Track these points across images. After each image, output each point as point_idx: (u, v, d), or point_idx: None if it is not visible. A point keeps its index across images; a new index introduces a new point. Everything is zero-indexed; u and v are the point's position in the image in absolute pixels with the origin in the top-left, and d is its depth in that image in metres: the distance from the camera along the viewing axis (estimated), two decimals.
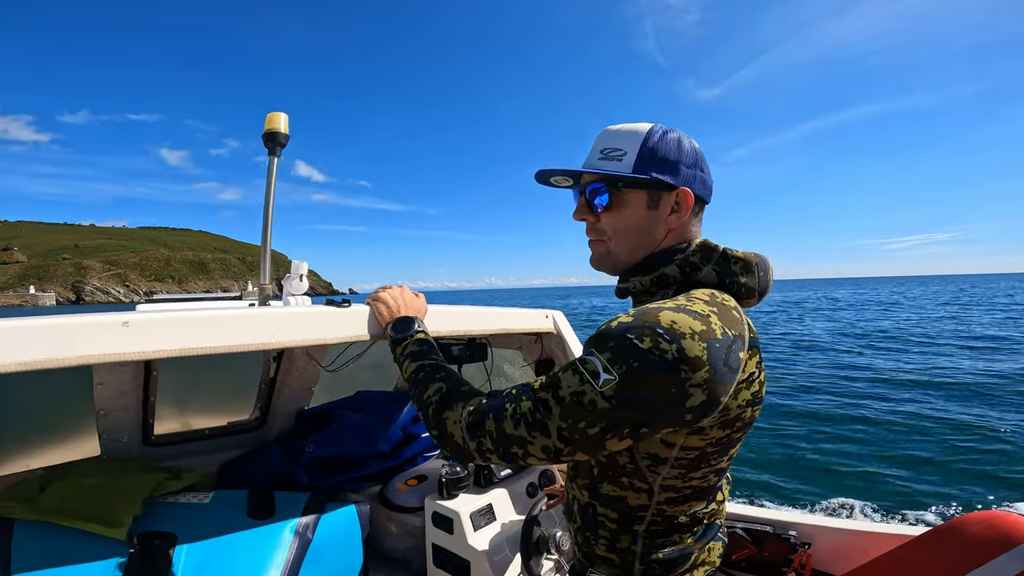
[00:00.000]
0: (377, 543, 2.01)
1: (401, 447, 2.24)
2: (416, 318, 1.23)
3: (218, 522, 1.58)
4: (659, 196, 0.95)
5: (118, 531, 1.43)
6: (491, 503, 1.81)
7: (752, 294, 0.96)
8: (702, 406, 0.77)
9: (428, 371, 1.04)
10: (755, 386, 0.88)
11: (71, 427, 1.91)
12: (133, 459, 1.91)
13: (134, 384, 1.79)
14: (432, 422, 0.95)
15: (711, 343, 0.76)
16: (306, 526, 1.67)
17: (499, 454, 0.86)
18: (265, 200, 1.44)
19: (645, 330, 0.76)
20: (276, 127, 1.43)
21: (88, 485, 1.56)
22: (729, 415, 0.85)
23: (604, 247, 1.01)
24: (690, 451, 0.88)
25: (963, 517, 1.22)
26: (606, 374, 0.76)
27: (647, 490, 0.93)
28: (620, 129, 0.98)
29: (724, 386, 0.78)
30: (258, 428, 2.33)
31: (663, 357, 0.74)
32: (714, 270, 0.94)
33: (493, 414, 0.86)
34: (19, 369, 0.84)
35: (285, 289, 1.48)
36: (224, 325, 1.08)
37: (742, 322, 0.86)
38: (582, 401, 0.78)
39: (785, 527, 1.63)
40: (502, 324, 1.71)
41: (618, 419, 0.77)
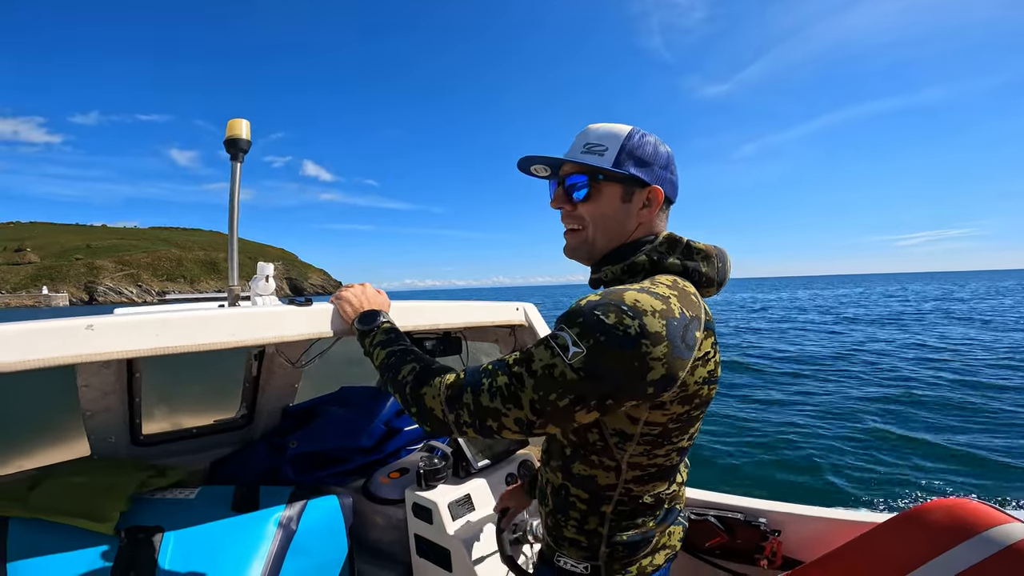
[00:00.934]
0: (362, 535, 2.06)
1: (384, 441, 2.28)
2: (381, 311, 1.28)
3: (203, 515, 1.64)
4: (633, 191, 1.02)
5: (106, 526, 1.49)
6: (469, 493, 1.85)
7: (711, 283, 1.03)
8: (662, 380, 0.83)
9: (399, 355, 1.08)
10: (711, 365, 0.95)
11: (61, 429, 1.97)
12: (122, 459, 1.97)
13: (117, 385, 1.84)
14: (410, 400, 0.99)
15: (670, 321, 0.83)
16: (289, 518, 1.72)
17: (475, 427, 0.90)
18: (229, 204, 1.48)
19: (611, 307, 0.82)
20: (238, 134, 1.47)
21: (77, 483, 1.63)
22: (687, 391, 0.91)
23: (582, 235, 1.07)
24: (654, 427, 0.94)
25: (925, 505, 1.25)
26: (575, 347, 0.82)
27: (615, 468, 0.99)
28: (602, 127, 1.05)
29: (681, 361, 0.84)
30: (245, 426, 2.39)
31: (626, 332, 0.80)
32: (678, 259, 1.01)
33: (471, 387, 0.91)
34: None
35: (252, 289, 1.53)
36: (188, 326, 1.12)
37: (699, 306, 0.93)
38: (553, 374, 0.83)
39: (755, 515, 1.66)
40: (472, 317, 1.74)
41: (586, 391, 0.82)
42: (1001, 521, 1.10)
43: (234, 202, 1.47)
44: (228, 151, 1.47)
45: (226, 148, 1.47)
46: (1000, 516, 1.12)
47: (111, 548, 1.48)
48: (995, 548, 1.07)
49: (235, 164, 1.47)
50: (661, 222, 1.07)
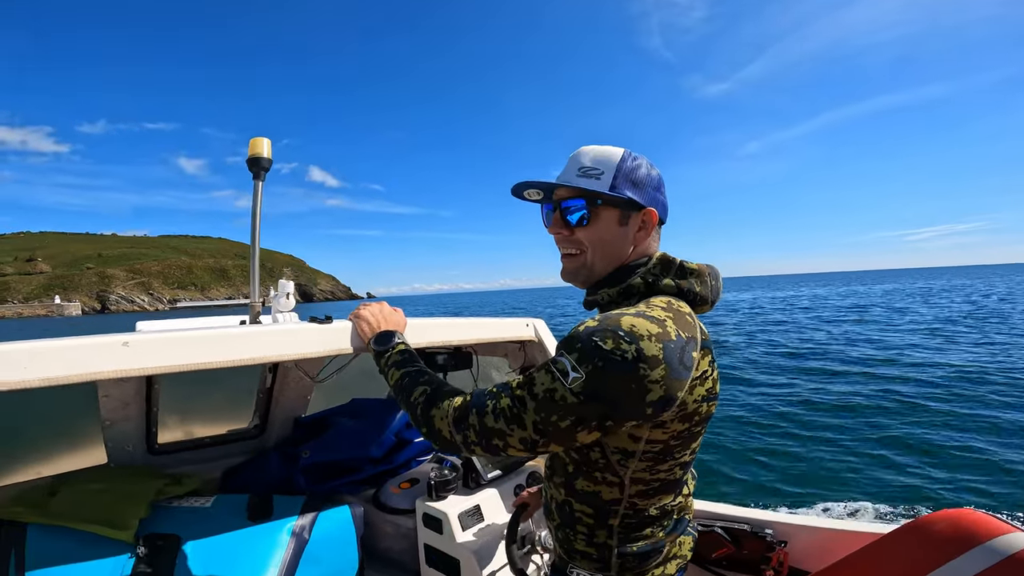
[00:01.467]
0: (373, 545, 2.08)
1: (394, 452, 2.31)
2: (396, 331, 1.33)
3: (219, 524, 1.68)
4: (629, 215, 1.04)
5: (125, 533, 1.53)
6: (479, 504, 1.87)
7: (705, 301, 1.06)
8: (660, 401, 0.86)
9: (412, 376, 1.13)
10: (709, 383, 0.98)
11: (79, 437, 2.01)
12: (138, 467, 2.01)
13: (137, 396, 1.89)
14: (421, 420, 1.04)
15: (666, 344, 0.86)
16: (302, 527, 1.75)
17: (482, 446, 0.94)
18: (251, 222, 1.52)
19: (608, 333, 0.85)
20: (259, 152, 1.51)
21: (96, 491, 1.66)
22: (687, 409, 0.94)
23: (580, 259, 1.09)
24: (655, 444, 0.97)
25: (930, 515, 1.26)
26: (574, 372, 0.86)
27: (619, 484, 1.01)
28: (595, 150, 1.06)
29: (679, 382, 0.87)
30: (258, 436, 2.43)
31: (624, 356, 0.83)
32: (673, 281, 1.04)
33: (476, 409, 0.95)
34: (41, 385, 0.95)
35: (273, 307, 1.57)
36: (215, 343, 1.17)
37: (695, 326, 0.96)
38: (554, 397, 0.87)
39: (762, 525, 1.67)
40: (482, 334, 1.78)
41: (586, 412, 0.86)
42: (1004, 531, 1.11)
43: (256, 219, 1.52)
44: (251, 169, 1.51)
45: (248, 167, 1.51)
46: (1003, 526, 1.13)
47: (129, 555, 1.51)
48: (998, 558, 1.07)
49: (257, 183, 1.52)
50: (654, 243, 1.09)
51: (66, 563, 1.45)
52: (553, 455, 1.14)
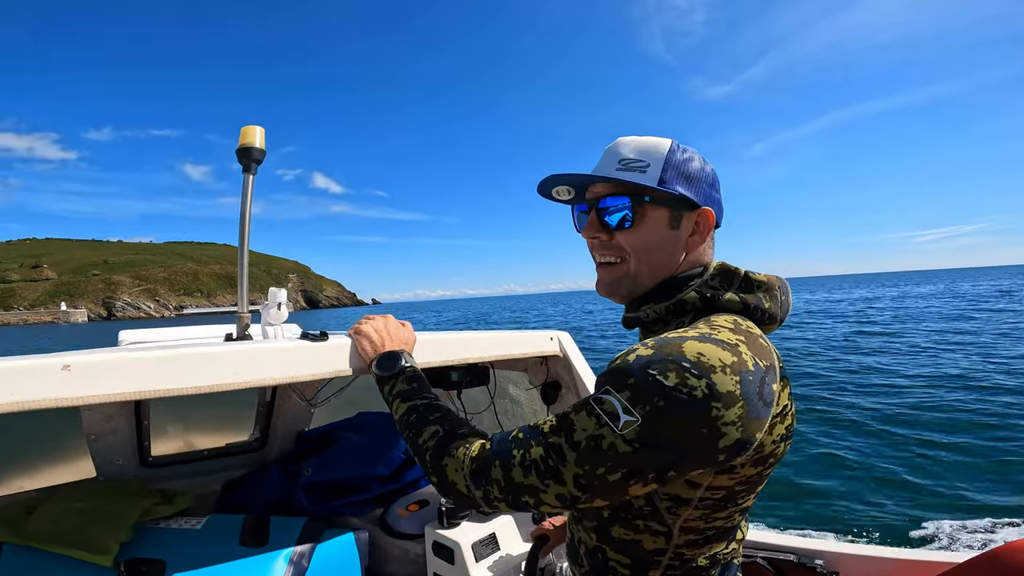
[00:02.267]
0: (378, 570, 1.95)
1: (403, 470, 2.17)
2: (403, 352, 1.14)
3: (209, 549, 1.53)
4: (681, 215, 0.88)
5: (104, 558, 1.39)
6: (494, 532, 1.73)
7: (774, 320, 0.88)
8: (736, 445, 0.69)
9: (420, 412, 0.96)
10: (788, 419, 0.82)
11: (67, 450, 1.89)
12: (129, 481, 1.88)
13: (122, 409, 1.76)
14: (431, 469, 0.87)
15: (744, 376, 0.69)
16: (301, 555, 1.60)
17: (508, 503, 0.78)
18: (240, 220, 1.34)
19: (669, 364, 0.69)
20: (251, 142, 1.34)
21: (76, 509, 1.53)
22: (763, 452, 0.78)
23: (622, 269, 0.93)
24: (717, 491, 0.81)
25: (1010, 544, 1.10)
26: (627, 415, 0.69)
27: (665, 533, 0.85)
28: (637, 140, 0.90)
29: (759, 422, 0.71)
30: (258, 449, 2.30)
31: (692, 395, 0.67)
32: (737, 295, 0.87)
33: (499, 461, 0.79)
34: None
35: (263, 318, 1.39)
36: (189, 365, 1.00)
37: (771, 351, 0.79)
38: (600, 446, 0.70)
39: (811, 556, 1.52)
40: (504, 350, 1.61)
41: (643, 463, 0.69)
42: None
43: (246, 218, 1.34)
44: (240, 161, 1.34)
45: (238, 158, 1.33)
46: None
47: None
48: None
49: (247, 176, 1.33)
50: (709, 250, 0.93)
51: None
52: None
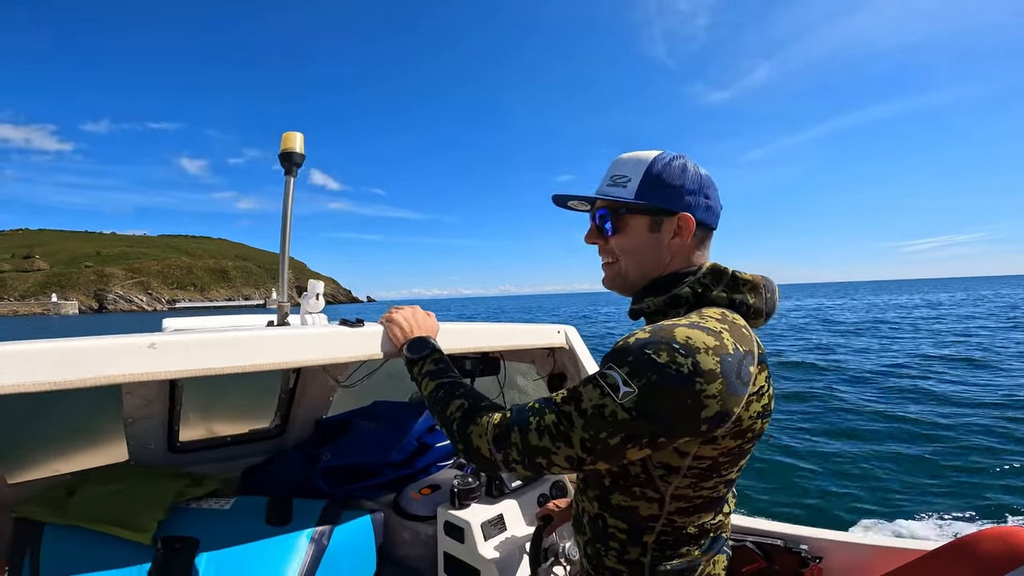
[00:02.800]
0: (389, 551, 2.04)
1: (415, 457, 2.27)
2: (430, 338, 1.28)
3: (238, 528, 1.64)
4: (661, 220, 1.00)
5: (143, 535, 1.48)
6: (502, 513, 1.83)
7: (759, 315, 1.01)
8: (716, 417, 0.81)
9: (447, 388, 1.09)
10: (764, 399, 0.93)
11: (101, 434, 1.97)
12: (159, 465, 1.98)
13: (160, 395, 1.85)
14: (457, 437, 0.99)
15: (724, 357, 0.81)
16: (322, 533, 1.71)
17: (524, 464, 0.90)
18: (282, 219, 1.48)
19: (662, 345, 0.81)
20: (292, 147, 1.47)
21: (115, 490, 1.62)
22: (741, 426, 0.89)
23: (615, 268, 1.07)
24: (703, 460, 0.92)
25: (977, 533, 1.19)
26: (626, 387, 0.81)
27: (658, 500, 0.96)
28: (628, 157, 1.03)
29: (736, 398, 0.83)
30: (278, 436, 2.39)
31: (679, 371, 0.78)
32: (724, 292, 0.99)
33: (518, 427, 0.91)
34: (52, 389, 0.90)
35: (302, 308, 1.52)
36: (243, 346, 1.12)
37: (751, 339, 0.91)
38: (603, 413, 0.82)
39: (796, 541, 1.62)
40: (515, 340, 1.73)
41: (638, 429, 0.81)
42: None
43: (287, 217, 1.47)
44: (282, 164, 1.47)
45: (280, 162, 1.47)
46: None
47: (146, 558, 1.46)
48: None
49: (289, 179, 1.47)
50: (701, 251, 1.05)
51: (82, 564, 1.40)
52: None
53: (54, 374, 0.90)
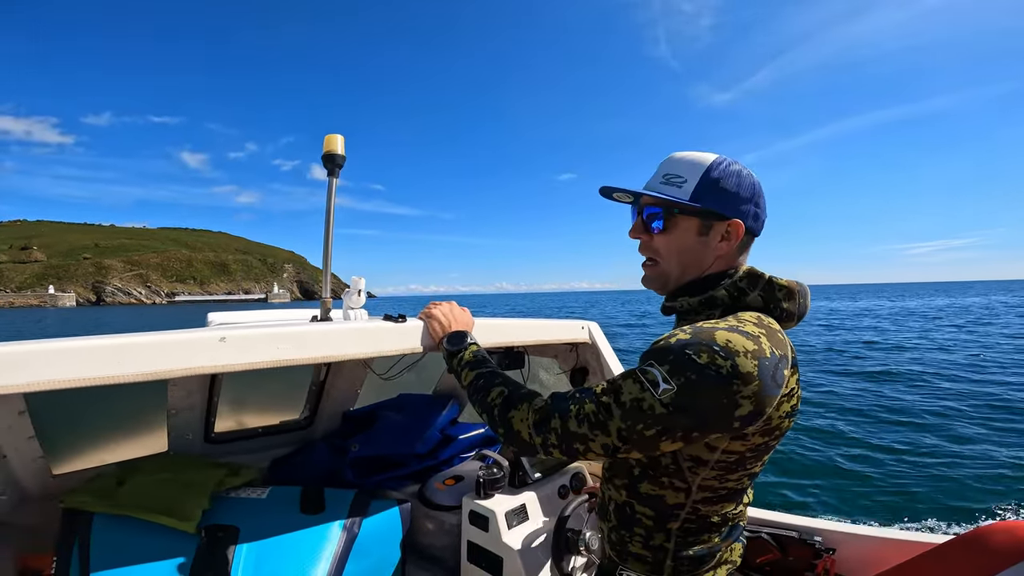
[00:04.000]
0: (414, 539, 2.10)
1: (439, 448, 2.33)
2: (468, 332, 1.35)
3: (275, 517, 1.69)
4: (711, 224, 1.03)
5: (188, 524, 1.54)
6: (524, 503, 1.89)
7: (792, 318, 1.04)
8: (749, 415, 0.86)
9: (487, 377, 1.15)
10: (794, 400, 0.97)
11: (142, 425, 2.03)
12: (196, 455, 2.04)
13: (201, 387, 1.92)
14: (498, 421, 1.05)
15: (761, 361, 0.85)
16: (352, 522, 1.76)
17: (562, 449, 0.96)
18: (326, 218, 1.55)
19: (703, 347, 0.85)
20: (334, 149, 1.54)
21: (161, 480, 1.68)
22: (770, 424, 0.94)
23: (658, 268, 1.10)
24: (731, 455, 0.97)
25: (988, 526, 1.24)
26: (665, 384, 0.85)
27: (685, 489, 1.01)
28: (685, 157, 1.05)
29: (770, 398, 0.87)
30: (307, 427, 2.46)
31: (719, 372, 0.83)
32: (760, 296, 1.02)
33: (559, 413, 0.96)
34: (138, 380, 0.98)
35: (345, 303, 1.59)
36: (305, 340, 1.20)
37: (786, 344, 0.95)
38: (642, 407, 0.87)
39: (811, 532, 1.67)
40: (541, 335, 1.80)
41: (674, 424, 0.86)
42: None
43: (330, 216, 1.54)
44: (325, 166, 1.53)
45: (323, 163, 1.53)
46: None
47: (190, 546, 1.52)
48: None
49: (331, 179, 1.54)
50: (742, 256, 1.07)
51: (130, 553, 1.46)
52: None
53: (139, 366, 0.97)
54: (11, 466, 1.70)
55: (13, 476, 1.74)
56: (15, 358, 0.87)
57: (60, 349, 0.91)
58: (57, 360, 0.90)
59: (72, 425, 1.92)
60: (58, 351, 0.91)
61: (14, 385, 0.86)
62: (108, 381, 0.94)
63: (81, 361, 0.92)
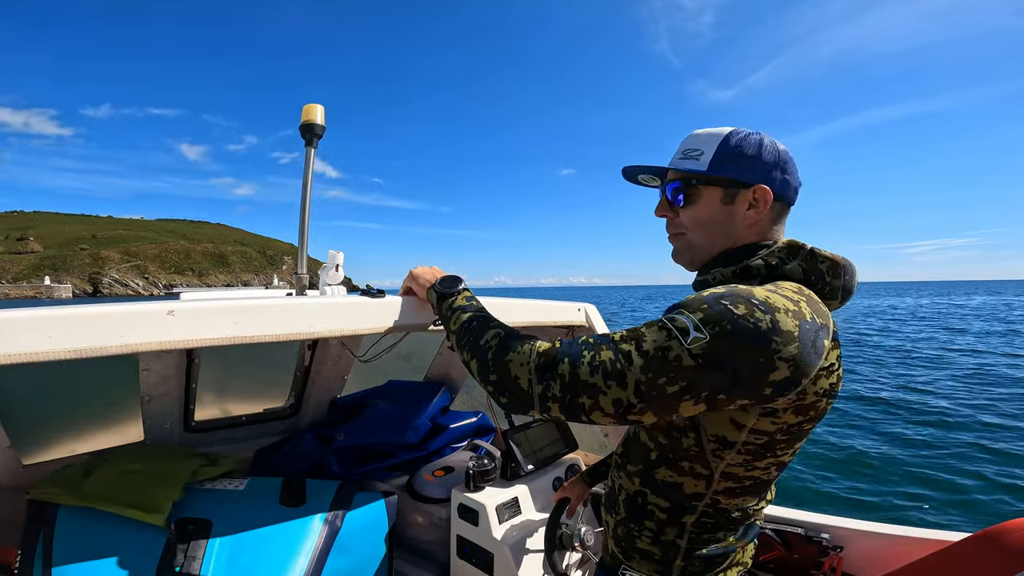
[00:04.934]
0: (402, 533, 2.04)
1: (429, 438, 2.26)
2: (462, 279, 1.23)
3: (252, 509, 1.62)
4: (735, 193, 0.97)
5: (156, 517, 1.46)
6: (517, 497, 1.82)
7: (835, 295, 0.95)
8: (784, 382, 0.76)
9: (481, 320, 1.03)
10: (833, 378, 0.88)
11: (117, 413, 1.95)
12: (174, 445, 1.96)
13: (177, 371, 1.83)
14: (491, 366, 0.91)
15: (803, 323, 0.77)
16: (335, 515, 1.70)
17: (563, 403, 0.83)
18: (302, 191, 1.48)
19: (740, 299, 0.77)
20: (312, 119, 1.47)
21: (130, 471, 1.60)
22: (804, 400, 0.85)
23: (684, 239, 1.04)
24: (760, 436, 0.88)
25: (1002, 524, 1.19)
26: (696, 332, 0.76)
27: (707, 477, 0.93)
28: (702, 132, 1.01)
29: (808, 367, 0.78)
30: (292, 416, 2.38)
31: (757, 325, 0.74)
32: (800, 266, 0.94)
33: (568, 358, 0.83)
34: (69, 357, 0.87)
35: (322, 279, 1.50)
36: (266, 314, 1.09)
37: (827, 314, 0.87)
38: (667, 356, 0.76)
39: (817, 529, 1.61)
40: (534, 316, 1.73)
41: (700, 380, 0.76)
42: None
43: (307, 188, 1.48)
44: (303, 136, 1.47)
45: (301, 133, 1.47)
46: None
47: (159, 540, 1.45)
48: None
49: (309, 149, 1.48)
50: (778, 227, 1.00)
51: (95, 546, 1.39)
52: (632, 440, 1.05)
53: (71, 341, 0.87)
54: None
55: None
56: None
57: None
58: None
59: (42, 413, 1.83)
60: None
61: None
62: (40, 358, 0.84)
63: (9, 335, 0.82)
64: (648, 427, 1.00)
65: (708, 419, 0.89)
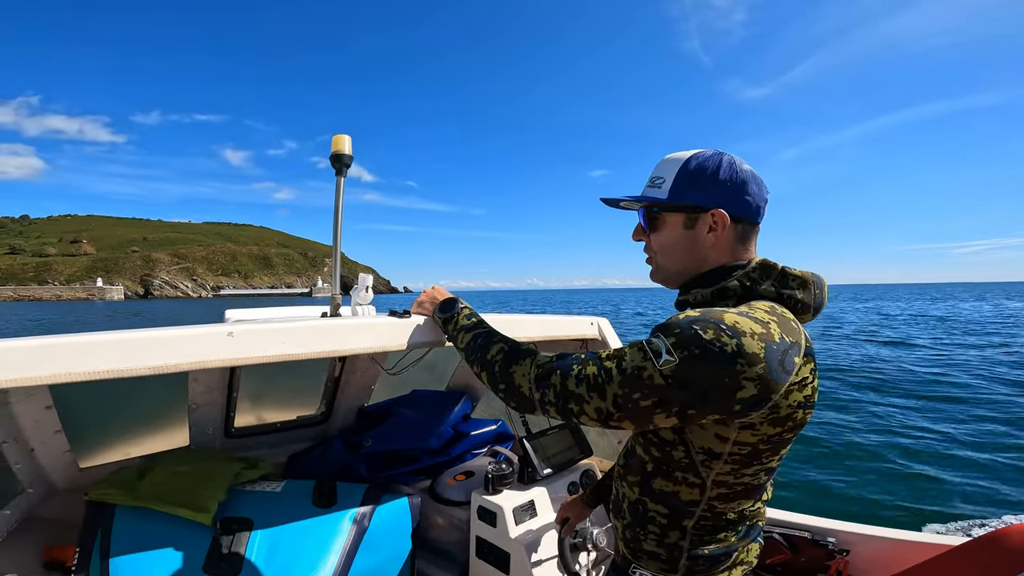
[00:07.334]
0: (424, 534, 2.13)
1: (451, 444, 2.36)
2: (457, 298, 1.38)
3: (288, 509, 1.75)
4: (696, 217, 1.04)
5: (204, 516, 1.60)
6: (533, 499, 1.90)
7: (807, 310, 1.02)
8: (752, 399, 0.84)
9: (485, 337, 1.17)
10: (807, 390, 0.94)
11: (165, 420, 2.13)
12: (216, 449, 2.12)
13: (221, 382, 1.99)
14: (499, 377, 1.06)
15: (768, 344, 0.84)
16: (363, 515, 1.81)
17: (557, 407, 0.96)
18: (334, 217, 1.59)
19: (710, 324, 0.84)
20: (341, 149, 1.58)
21: (179, 473, 1.75)
22: (779, 413, 0.91)
23: (655, 262, 1.14)
24: (743, 447, 0.95)
25: (1007, 528, 1.20)
26: (668, 355, 0.84)
27: (700, 485, 1.00)
28: (668, 158, 1.08)
29: (776, 384, 0.84)
30: (323, 423, 2.52)
31: (723, 349, 0.81)
32: (773, 286, 1.01)
33: (560, 371, 0.96)
34: (150, 373, 1.01)
35: (353, 300, 1.63)
36: (308, 335, 1.24)
37: (799, 332, 0.93)
38: (641, 375, 0.86)
39: (824, 534, 1.63)
40: (548, 331, 1.80)
41: (670, 397, 0.84)
42: None
43: (338, 215, 1.58)
44: (333, 166, 1.58)
45: (331, 163, 1.58)
46: None
47: (206, 537, 1.59)
48: None
49: (339, 179, 1.58)
50: (745, 246, 1.05)
51: (148, 543, 1.53)
52: (630, 452, 1.13)
53: (151, 360, 1.02)
54: (39, 460, 1.78)
55: (41, 470, 1.82)
56: (37, 352, 0.91)
57: (79, 343, 0.95)
58: (76, 354, 0.95)
59: (98, 420, 2.01)
60: (77, 345, 0.95)
61: (37, 377, 0.91)
62: (124, 374, 0.98)
63: (99, 355, 0.96)
64: (642, 441, 1.07)
65: (694, 433, 0.96)
